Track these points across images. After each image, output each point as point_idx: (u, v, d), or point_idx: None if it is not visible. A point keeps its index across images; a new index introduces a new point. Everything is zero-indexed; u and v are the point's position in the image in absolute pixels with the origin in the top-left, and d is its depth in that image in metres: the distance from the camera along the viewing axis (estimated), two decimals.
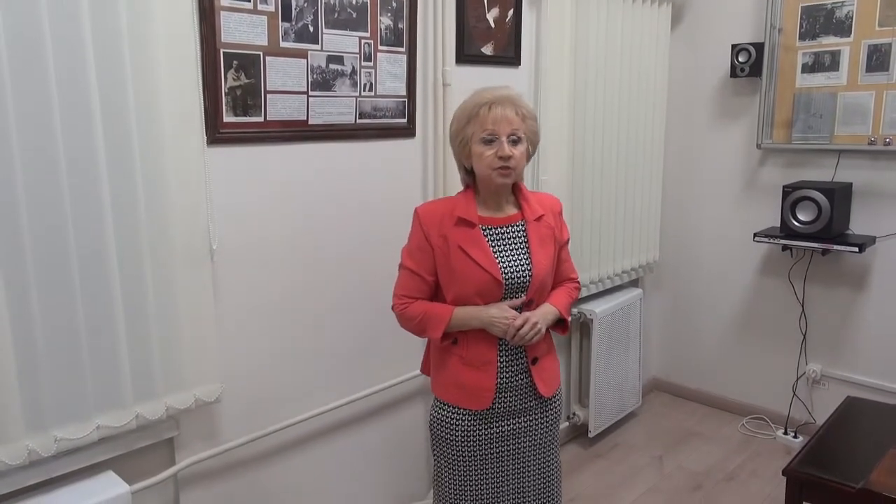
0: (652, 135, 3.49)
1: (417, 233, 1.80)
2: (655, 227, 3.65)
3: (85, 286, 1.66)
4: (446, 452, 1.86)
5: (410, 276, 1.81)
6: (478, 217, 1.79)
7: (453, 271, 1.76)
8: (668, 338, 3.98)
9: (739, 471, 3.16)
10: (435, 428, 1.88)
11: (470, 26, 2.57)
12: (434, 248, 1.77)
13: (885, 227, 3.12)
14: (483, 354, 1.79)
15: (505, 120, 1.72)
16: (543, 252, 1.82)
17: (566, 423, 3.40)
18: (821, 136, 3.21)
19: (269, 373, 2.17)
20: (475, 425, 1.83)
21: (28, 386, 1.60)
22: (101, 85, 1.63)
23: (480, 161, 1.74)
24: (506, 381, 1.81)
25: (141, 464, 1.90)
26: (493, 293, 1.77)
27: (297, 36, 2.05)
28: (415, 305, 1.81)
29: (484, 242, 1.77)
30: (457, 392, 1.82)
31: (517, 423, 1.86)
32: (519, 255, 1.80)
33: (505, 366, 1.81)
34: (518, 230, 1.83)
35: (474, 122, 1.73)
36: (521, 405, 1.85)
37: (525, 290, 1.80)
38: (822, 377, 3.40)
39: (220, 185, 1.96)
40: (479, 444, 1.84)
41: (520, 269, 1.79)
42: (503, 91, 1.77)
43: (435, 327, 1.77)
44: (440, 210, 1.80)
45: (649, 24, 3.35)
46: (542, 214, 1.86)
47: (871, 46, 3.03)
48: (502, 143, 1.71)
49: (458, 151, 1.80)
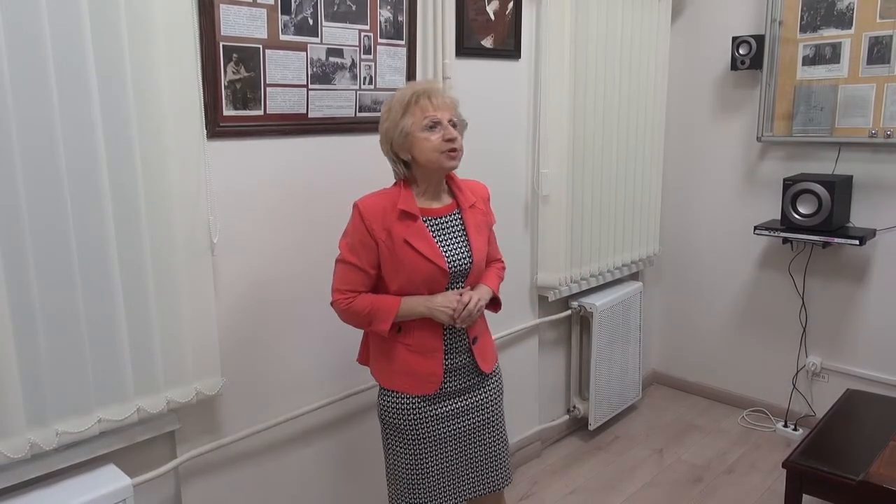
0: (652, 127, 3.48)
1: (359, 228, 1.80)
2: (655, 221, 3.64)
3: (86, 280, 1.67)
4: (398, 439, 1.89)
5: (352, 271, 1.81)
6: (419, 209, 1.82)
7: (400, 264, 1.79)
8: (668, 331, 3.98)
9: (739, 463, 3.17)
10: (385, 416, 1.91)
11: (470, 19, 2.57)
12: (378, 242, 1.79)
13: (886, 219, 3.11)
14: (429, 341, 1.85)
15: (444, 106, 1.78)
16: (480, 238, 1.89)
17: (566, 416, 3.41)
18: (821, 128, 3.20)
19: (270, 366, 2.17)
20: (423, 408, 1.87)
21: (29, 380, 1.61)
22: (101, 79, 1.63)
23: (427, 145, 1.76)
24: (451, 363, 1.88)
25: (142, 457, 1.91)
26: (439, 283, 1.82)
27: (296, 29, 2.05)
28: (360, 299, 1.82)
29: (428, 234, 1.81)
30: (404, 379, 1.86)
31: (462, 402, 1.92)
32: (459, 243, 1.86)
33: (450, 350, 1.88)
34: (455, 219, 1.88)
35: (413, 112, 1.76)
36: (465, 384, 1.91)
37: (466, 276, 1.86)
38: (822, 370, 3.40)
39: (221, 179, 1.96)
40: (429, 425, 1.88)
41: (461, 257, 1.84)
42: (434, 83, 1.84)
43: (383, 319, 1.80)
44: (381, 204, 1.81)
45: (650, 17, 3.34)
46: (474, 202, 1.91)
47: (872, 39, 3.02)
48: (447, 126, 1.76)
49: (397, 143, 1.79)
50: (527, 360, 3.09)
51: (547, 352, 3.25)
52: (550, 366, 3.30)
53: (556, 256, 3.03)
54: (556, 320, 3.24)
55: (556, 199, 2.98)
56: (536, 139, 2.93)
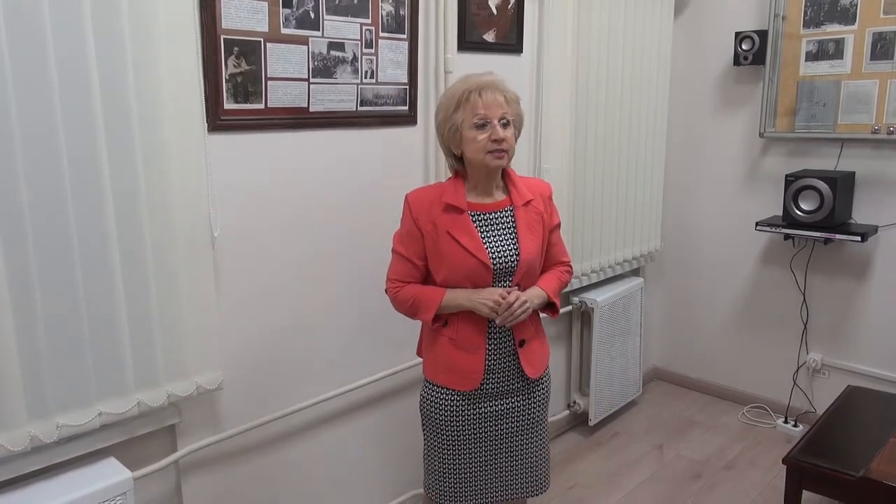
0: (654, 123, 3.47)
1: (408, 219, 1.84)
2: (657, 216, 3.64)
3: (86, 273, 1.66)
4: (436, 432, 1.91)
5: (402, 261, 1.86)
6: (466, 203, 1.82)
7: (442, 256, 1.80)
8: (669, 327, 3.98)
9: (739, 459, 3.17)
10: (425, 408, 1.93)
11: (472, 13, 2.56)
12: (423, 233, 1.81)
13: (888, 216, 3.11)
14: (472, 337, 1.84)
15: (496, 104, 1.75)
16: (531, 237, 1.86)
17: (566, 411, 3.41)
18: (824, 124, 3.19)
19: (270, 360, 2.17)
20: (463, 406, 1.87)
21: (30, 373, 1.60)
22: (102, 72, 1.62)
23: (473, 145, 1.76)
24: (493, 363, 1.86)
25: (143, 450, 1.91)
26: (483, 278, 1.81)
27: (297, 22, 2.04)
28: (407, 289, 1.86)
29: (472, 228, 1.80)
30: (446, 373, 1.87)
31: (504, 405, 1.90)
32: (506, 240, 1.84)
33: (493, 348, 1.86)
34: (506, 216, 1.86)
35: (464, 108, 1.76)
36: (508, 387, 1.90)
37: (513, 274, 1.84)
38: (823, 366, 3.40)
39: (221, 173, 1.95)
40: (466, 424, 1.88)
41: (507, 253, 1.82)
42: (489, 77, 1.80)
43: (427, 309, 1.82)
44: (429, 196, 1.84)
45: (652, 11, 3.33)
46: (530, 199, 1.89)
47: (876, 34, 3.01)
48: (495, 126, 1.75)
49: (447, 138, 1.82)
50: None
51: None
52: (551, 361, 3.28)
53: None
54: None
55: (557, 194, 2.93)
56: (538, 134, 2.92)
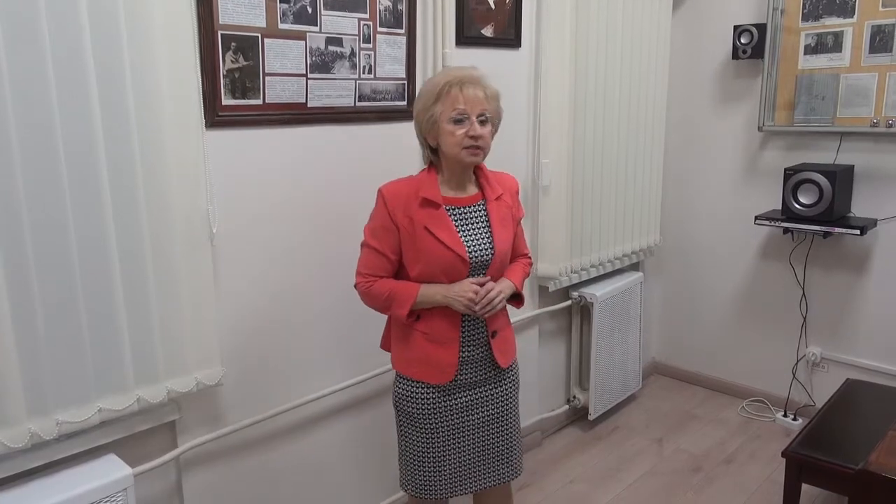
0: (653, 117, 3.46)
1: (382, 213, 1.82)
2: (656, 211, 3.64)
3: (85, 270, 1.66)
4: (411, 427, 1.91)
5: (374, 255, 1.84)
6: (442, 198, 1.82)
7: (419, 251, 1.79)
8: (669, 321, 3.98)
9: (739, 453, 3.17)
10: (399, 403, 1.93)
11: (470, 8, 2.55)
12: (399, 228, 1.80)
13: (887, 209, 3.11)
14: (446, 331, 1.84)
15: (476, 100, 1.75)
16: (503, 230, 1.88)
17: (566, 406, 3.41)
18: (823, 118, 3.19)
19: (270, 356, 2.17)
20: (437, 398, 1.88)
21: (30, 369, 1.60)
22: (99, 68, 1.62)
23: (450, 139, 1.76)
24: (467, 354, 1.87)
25: (143, 447, 1.91)
26: (459, 271, 1.81)
27: (295, 17, 2.03)
28: (380, 283, 1.84)
29: (450, 223, 1.81)
30: (420, 367, 1.87)
31: (476, 394, 1.92)
32: (481, 234, 1.85)
33: (467, 341, 1.87)
34: (479, 210, 1.87)
35: (444, 101, 1.75)
36: (480, 376, 1.91)
37: (487, 267, 1.85)
38: (822, 360, 3.40)
39: (220, 169, 1.95)
40: (441, 416, 1.89)
41: (482, 247, 1.84)
42: (472, 71, 1.80)
43: (401, 305, 1.81)
44: (405, 190, 1.82)
45: (651, 5, 3.32)
46: (501, 194, 1.90)
47: (875, 27, 3.00)
48: (473, 122, 1.75)
49: (425, 129, 1.81)
50: (527, 350, 3.09)
51: (547, 342, 3.25)
52: (550, 356, 3.30)
53: (557, 247, 3.02)
54: (557, 310, 3.24)
55: (556, 189, 2.97)
56: (537, 129, 2.92)
